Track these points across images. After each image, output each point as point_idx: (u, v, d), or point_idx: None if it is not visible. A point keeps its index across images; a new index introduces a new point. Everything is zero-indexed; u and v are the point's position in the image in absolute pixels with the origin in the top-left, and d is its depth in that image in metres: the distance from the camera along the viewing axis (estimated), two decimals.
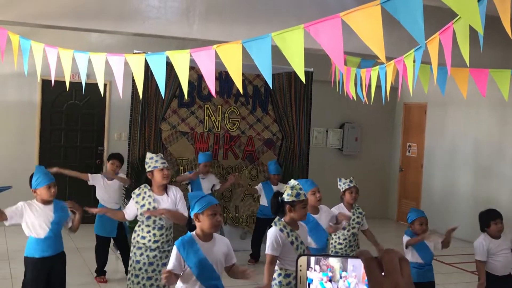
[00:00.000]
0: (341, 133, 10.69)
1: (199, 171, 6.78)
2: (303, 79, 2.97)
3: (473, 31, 2.45)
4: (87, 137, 9.07)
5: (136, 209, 4.54)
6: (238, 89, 3.36)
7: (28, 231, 4.25)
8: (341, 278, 0.91)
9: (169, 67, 3.58)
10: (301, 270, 0.92)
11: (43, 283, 4.28)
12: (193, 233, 3.38)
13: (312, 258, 0.93)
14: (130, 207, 4.60)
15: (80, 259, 6.74)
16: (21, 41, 4.63)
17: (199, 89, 7.57)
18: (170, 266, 3.30)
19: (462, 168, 9.49)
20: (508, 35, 2.39)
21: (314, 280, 0.92)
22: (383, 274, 0.85)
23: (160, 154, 4.73)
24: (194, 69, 5.69)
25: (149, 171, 4.58)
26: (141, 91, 3.75)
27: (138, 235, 4.54)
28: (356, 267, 0.91)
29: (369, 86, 4.82)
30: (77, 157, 8.94)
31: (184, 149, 7.55)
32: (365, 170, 10.48)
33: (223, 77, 7.42)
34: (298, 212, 3.82)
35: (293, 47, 2.82)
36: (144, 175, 4.80)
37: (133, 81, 6.13)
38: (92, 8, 5.41)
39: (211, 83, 3.28)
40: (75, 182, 8.65)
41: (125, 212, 4.65)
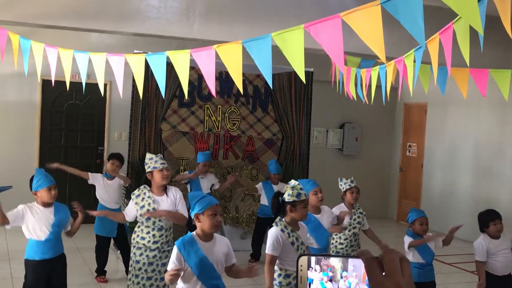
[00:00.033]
0: (341, 133, 10.69)
1: (198, 171, 6.78)
2: (303, 79, 2.96)
3: (473, 31, 2.45)
4: (87, 137, 9.07)
5: (135, 210, 4.54)
6: (238, 89, 3.36)
7: (28, 234, 4.24)
8: (341, 278, 0.91)
9: (169, 67, 3.58)
10: (301, 270, 0.93)
11: (44, 285, 4.27)
12: (194, 233, 3.39)
13: (312, 258, 0.93)
14: (129, 208, 4.60)
15: (80, 259, 6.75)
16: (21, 41, 4.63)
17: (199, 89, 7.58)
18: (170, 266, 3.30)
19: (462, 168, 9.49)
20: (508, 35, 2.39)
21: (314, 280, 0.92)
22: (383, 274, 0.85)
23: (159, 154, 4.73)
24: (194, 69, 5.70)
25: (149, 172, 4.57)
26: (141, 91, 3.75)
27: (137, 236, 4.54)
28: (356, 267, 0.91)
29: (369, 86, 4.82)
30: (77, 157, 8.93)
31: (184, 149, 7.55)
32: (365, 170, 10.48)
33: (223, 77, 7.42)
34: (299, 212, 3.82)
35: (293, 47, 2.82)
36: (144, 175, 4.79)
37: (133, 81, 6.15)
38: (92, 8, 5.41)
39: (211, 83, 3.28)
40: (75, 182, 8.66)
41: (125, 213, 4.65)
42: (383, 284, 0.83)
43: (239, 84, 3.06)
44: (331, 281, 0.92)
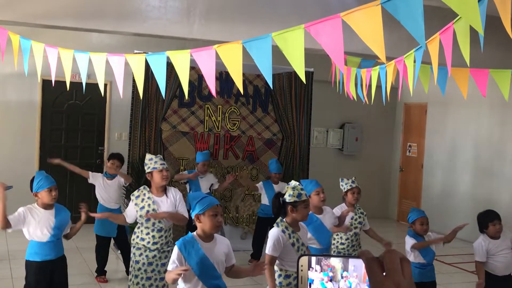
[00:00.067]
0: (342, 133, 10.69)
1: (198, 171, 6.77)
2: (304, 79, 2.96)
3: (474, 31, 2.44)
4: (88, 137, 9.07)
5: (135, 211, 4.54)
6: (238, 89, 3.36)
7: (29, 236, 4.24)
8: (342, 278, 0.91)
9: (170, 67, 3.57)
10: (302, 270, 0.93)
11: (45, 286, 4.28)
12: (194, 233, 3.39)
13: (313, 258, 0.93)
14: (130, 210, 4.61)
15: (80, 259, 6.75)
16: (22, 41, 4.62)
17: (199, 89, 7.58)
18: (171, 265, 3.30)
19: (462, 168, 9.49)
20: (508, 35, 2.39)
21: (315, 280, 0.92)
22: (384, 274, 0.85)
23: (159, 155, 4.73)
24: (194, 69, 5.70)
25: (148, 172, 4.58)
26: (141, 91, 3.74)
27: (137, 237, 4.55)
28: (357, 267, 0.91)
29: (370, 86, 4.82)
30: (78, 157, 8.93)
31: (184, 149, 7.55)
32: (365, 170, 10.48)
33: (224, 77, 7.42)
34: (300, 212, 3.83)
35: (294, 47, 2.82)
36: (144, 176, 4.79)
37: (134, 81, 6.15)
38: (92, 8, 5.41)
39: (211, 83, 3.28)
40: (75, 183, 8.67)
41: (125, 215, 4.65)
42: (383, 284, 0.83)
43: (239, 84, 3.06)
44: (331, 281, 0.92)
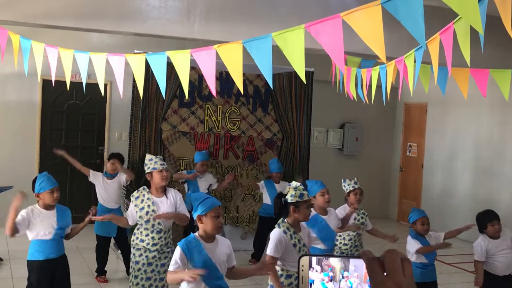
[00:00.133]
0: (342, 133, 10.69)
1: (197, 172, 6.77)
2: (304, 79, 2.96)
3: (474, 31, 2.44)
4: (88, 137, 9.07)
5: (136, 212, 4.54)
6: (238, 89, 3.36)
7: (31, 236, 4.25)
8: (343, 278, 0.91)
9: (170, 67, 3.57)
10: (303, 270, 0.92)
11: (47, 285, 4.28)
12: (196, 234, 3.40)
13: (314, 258, 0.93)
14: (131, 211, 4.60)
15: (80, 259, 6.74)
16: (22, 41, 4.62)
17: (199, 89, 7.57)
18: (173, 266, 3.30)
19: (462, 168, 9.49)
20: (509, 35, 2.38)
21: (315, 280, 0.92)
22: (385, 274, 0.85)
23: (159, 156, 4.73)
24: (194, 69, 5.69)
25: (148, 173, 4.58)
26: (141, 91, 3.74)
27: (137, 238, 4.55)
28: (358, 267, 0.91)
29: (370, 86, 4.82)
30: (78, 157, 8.88)
31: (184, 149, 7.55)
32: (365, 170, 10.48)
33: (224, 77, 7.42)
34: (302, 212, 3.82)
35: (294, 47, 2.81)
36: (144, 176, 4.80)
37: (134, 81, 6.15)
38: (92, 8, 5.41)
39: (211, 83, 3.28)
40: (75, 182, 8.67)
41: (127, 217, 4.64)
42: (384, 284, 0.83)
43: (239, 84, 3.06)
44: (332, 281, 0.92)
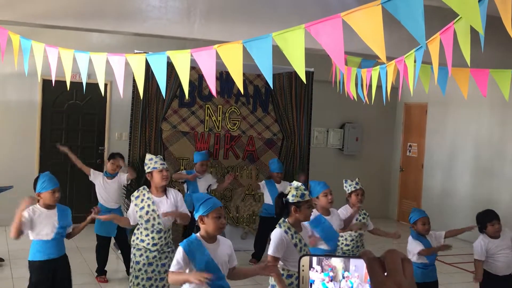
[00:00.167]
0: (342, 133, 10.68)
1: (196, 172, 6.77)
2: (304, 79, 2.96)
3: (474, 31, 2.44)
4: (88, 137, 9.07)
5: (136, 212, 4.54)
6: (238, 89, 3.36)
7: (33, 236, 4.26)
8: (343, 278, 0.91)
9: (170, 67, 3.57)
10: (303, 270, 0.92)
11: (48, 285, 4.29)
12: (198, 235, 3.40)
13: (314, 258, 0.93)
14: (132, 211, 4.60)
15: (80, 259, 6.74)
16: (22, 41, 4.62)
17: (199, 89, 7.57)
18: (175, 267, 3.30)
19: (462, 168, 9.49)
20: (509, 35, 2.38)
21: (316, 281, 0.92)
22: (385, 274, 0.85)
23: (159, 155, 4.73)
24: (194, 69, 5.69)
25: (148, 172, 4.58)
26: (141, 91, 3.74)
27: (137, 238, 4.55)
28: (358, 267, 0.91)
29: (370, 86, 4.82)
30: (78, 157, 8.90)
31: (184, 149, 7.55)
32: (365, 170, 10.47)
33: (224, 77, 7.41)
34: (303, 212, 3.83)
35: (294, 47, 2.81)
36: (144, 176, 4.80)
37: (134, 81, 6.15)
38: (92, 8, 5.41)
39: (211, 83, 3.28)
40: (76, 182, 8.67)
41: (129, 217, 4.64)
42: (385, 284, 0.83)
43: (239, 84, 3.06)
44: (332, 281, 0.92)
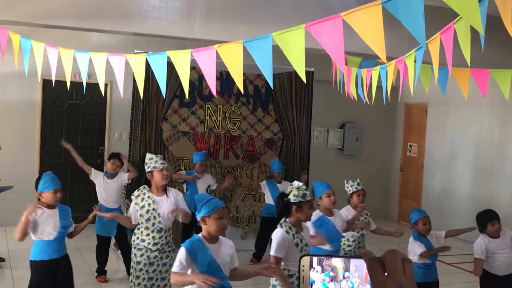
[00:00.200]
0: (342, 133, 10.68)
1: (196, 172, 6.77)
2: (304, 79, 2.96)
3: (474, 31, 2.44)
4: (88, 137, 9.07)
5: (136, 211, 4.54)
6: (239, 89, 3.36)
7: (34, 236, 4.25)
8: (344, 278, 0.91)
9: (170, 67, 3.57)
10: (303, 270, 0.92)
11: (50, 285, 4.29)
12: (200, 235, 3.40)
13: (314, 258, 0.92)
14: (132, 209, 4.60)
15: (80, 259, 6.74)
16: (22, 40, 4.62)
17: (200, 89, 7.57)
18: (178, 267, 3.29)
19: (462, 168, 9.49)
20: (509, 35, 2.38)
21: (316, 281, 0.92)
22: (386, 274, 0.85)
23: (159, 155, 4.74)
24: (195, 69, 5.68)
25: (149, 172, 4.59)
26: (142, 91, 3.74)
27: (138, 238, 4.55)
28: (358, 267, 0.91)
29: (370, 86, 4.81)
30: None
31: (185, 149, 7.55)
32: (366, 170, 10.47)
33: (224, 77, 7.41)
34: (305, 212, 3.83)
35: (294, 47, 2.81)
36: (144, 175, 4.80)
37: (134, 81, 6.14)
38: (92, 8, 5.41)
39: (212, 83, 3.28)
40: (76, 182, 8.67)
41: (131, 217, 4.64)
42: (385, 284, 0.83)
43: (239, 84, 3.05)
44: (332, 281, 0.92)
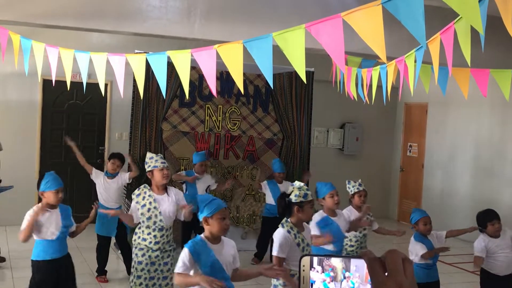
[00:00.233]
0: (342, 133, 10.68)
1: (196, 173, 6.77)
2: (304, 79, 2.96)
3: (475, 31, 2.44)
4: (88, 137, 9.06)
5: (138, 210, 4.55)
6: (239, 89, 3.36)
7: (36, 236, 4.26)
8: (344, 278, 0.91)
9: (170, 67, 3.57)
10: (304, 270, 0.92)
11: (52, 285, 4.29)
12: (202, 236, 3.40)
13: (315, 258, 0.92)
14: (134, 208, 4.60)
15: (81, 258, 6.74)
16: (22, 40, 4.62)
17: (200, 89, 7.57)
18: (181, 268, 3.29)
19: (463, 168, 9.49)
20: (509, 35, 2.38)
21: (316, 281, 0.92)
22: (386, 274, 0.85)
23: (160, 154, 4.75)
24: (195, 69, 5.68)
25: (149, 171, 4.59)
26: (142, 91, 3.74)
27: (139, 237, 4.55)
28: (359, 267, 0.91)
29: (370, 86, 4.81)
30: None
31: (185, 149, 7.55)
32: (366, 170, 10.46)
33: (224, 77, 7.41)
34: (306, 212, 3.84)
35: (294, 47, 2.81)
36: (144, 175, 4.81)
37: (134, 81, 6.14)
38: (93, 8, 5.41)
39: (212, 83, 3.28)
40: (76, 182, 8.67)
41: (132, 215, 4.63)
42: (385, 284, 0.83)
43: (239, 84, 3.05)
44: (333, 281, 0.91)
